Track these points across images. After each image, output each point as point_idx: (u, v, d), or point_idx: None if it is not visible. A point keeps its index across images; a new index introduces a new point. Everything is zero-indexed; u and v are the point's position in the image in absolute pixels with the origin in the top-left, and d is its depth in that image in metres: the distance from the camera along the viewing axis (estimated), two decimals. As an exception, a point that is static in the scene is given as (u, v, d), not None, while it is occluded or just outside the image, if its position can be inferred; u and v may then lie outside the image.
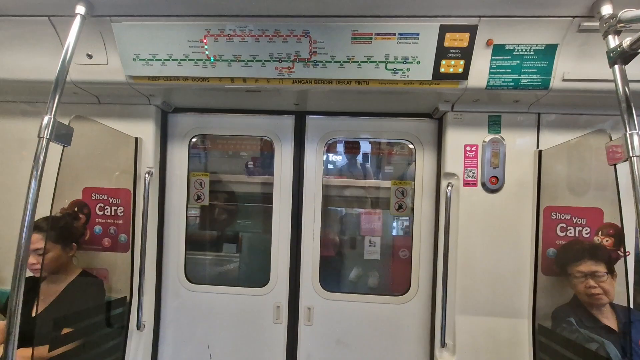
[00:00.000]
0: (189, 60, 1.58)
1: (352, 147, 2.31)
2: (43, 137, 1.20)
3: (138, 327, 1.87)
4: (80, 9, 1.39)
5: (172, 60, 1.59)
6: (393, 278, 2.21)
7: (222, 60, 1.57)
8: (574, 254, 1.59)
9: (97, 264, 1.91)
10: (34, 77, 1.70)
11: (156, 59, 1.59)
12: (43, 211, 1.49)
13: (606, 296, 1.48)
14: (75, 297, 1.66)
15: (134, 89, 1.76)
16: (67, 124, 1.30)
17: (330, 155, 2.31)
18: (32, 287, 1.53)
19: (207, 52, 1.55)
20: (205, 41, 1.53)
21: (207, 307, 2.10)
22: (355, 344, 2.05)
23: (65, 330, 1.55)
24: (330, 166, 2.35)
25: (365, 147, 2.36)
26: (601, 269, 1.50)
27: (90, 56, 1.64)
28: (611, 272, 1.51)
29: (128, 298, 1.88)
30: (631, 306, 1.46)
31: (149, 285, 1.99)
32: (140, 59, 1.59)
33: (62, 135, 1.27)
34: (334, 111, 2.08)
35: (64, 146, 1.32)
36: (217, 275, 2.34)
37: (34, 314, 1.56)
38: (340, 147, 2.32)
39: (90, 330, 1.67)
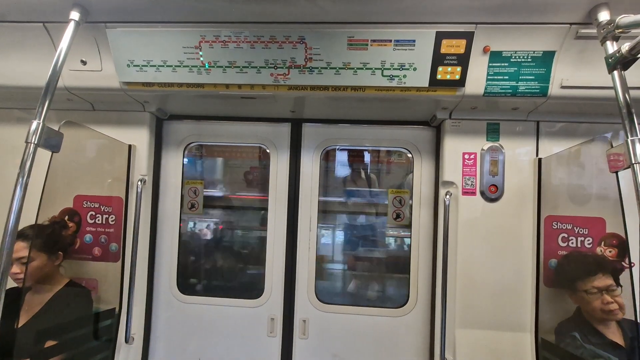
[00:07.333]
0: (184, 66, 1.57)
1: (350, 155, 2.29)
2: (31, 143, 1.18)
3: (127, 340, 1.80)
4: (75, 15, 1.39)
5: (167, 66, 1.57)
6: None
7: (217, 67, 1.56)
8: (584, 268, 1.52)
9: (86, 273, 1.85)
10: (27, 83, 1.68)
11: (150, 65, 1.57)
12: (33, 218, 1.46)
13: (621, 311, 1.43)
14: (61, 308, 1.60)
15: (128, 95, 1.74)
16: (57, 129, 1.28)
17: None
18: (16, 298, 1.48)
19: (202, 59, 1.54)
20: (200, 47, 1.52)
21: (200, 319, 2.03)
22: (351, 358, 1.97)
23: (48, 343, 1.48)
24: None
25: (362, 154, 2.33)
26: (613, 282, 1.45)
27: (84, 62, 1.63)
28: (619, 284, 1.46)
29: (117, 309, 1.82)
30: (638, 320, 1.40)
31: (139, 296, 1.93)
32: (135, 65, 1.58)
33: (51, 141, 1.25)
34: (331, 119, 2.06)
35: (53, 152, 1.30)
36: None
37: (17, 326, 1.50)
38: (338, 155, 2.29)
39: (76, 343, 1.61)
